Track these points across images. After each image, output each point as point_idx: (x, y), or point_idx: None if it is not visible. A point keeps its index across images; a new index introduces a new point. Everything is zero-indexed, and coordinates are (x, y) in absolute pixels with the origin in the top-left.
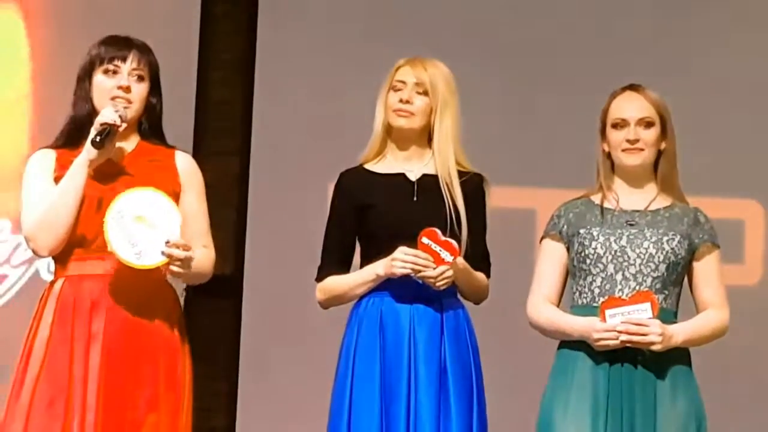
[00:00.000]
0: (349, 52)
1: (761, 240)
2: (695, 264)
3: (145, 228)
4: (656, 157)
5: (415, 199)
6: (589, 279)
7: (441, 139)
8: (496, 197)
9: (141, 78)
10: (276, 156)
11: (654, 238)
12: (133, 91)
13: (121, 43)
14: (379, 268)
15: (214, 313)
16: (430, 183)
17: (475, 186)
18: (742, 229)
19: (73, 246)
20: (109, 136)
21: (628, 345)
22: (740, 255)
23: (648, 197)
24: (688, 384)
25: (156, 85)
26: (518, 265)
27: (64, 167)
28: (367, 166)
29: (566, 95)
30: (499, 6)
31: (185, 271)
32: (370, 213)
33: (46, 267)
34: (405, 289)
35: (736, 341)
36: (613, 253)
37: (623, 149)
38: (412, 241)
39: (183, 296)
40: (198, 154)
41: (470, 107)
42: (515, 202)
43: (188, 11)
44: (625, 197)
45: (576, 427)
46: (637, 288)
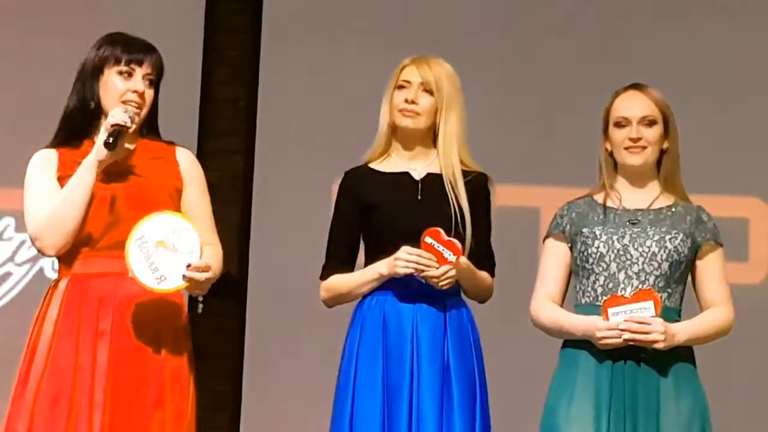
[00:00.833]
0: (353, 51)
1: (766, 238)
2: (698, 262)
3: (167, 252)
4: (659, 155)
5: (419, 198)
6: (592, 278)
7: (446, 138)
8: (499, 196)
9: (152, 83)
10: (280, 154)
11: (657, 237)
12: (145, 96)
13: (137, 46)
14: (383, 268)
15: (218, 312)
16: (435, 182)
17: (479, 185)
18: (746, 227)
19: (79, 245)
20: (120, 137)
21: (631, 343)
22: (744, 253)
23: (651, 196)
24: (692, 382)
25: (158, 87)
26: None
27: (67, 167)
28: (371, 165)
29: (570, 94)
30: (504, 4)
31: (204, 291)
32: (375, 212)
33: (50, 265)
34: (408, 288)
35: (739, 339)
36: (615, 252)
37: (626, 148)
38: (416, 241)
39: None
40: (202, 152)
41: (474, 105)
42: (519, 201)
43: (193, 9)
44: (628, 196)
45: (579, 425)
46: (640, 287)
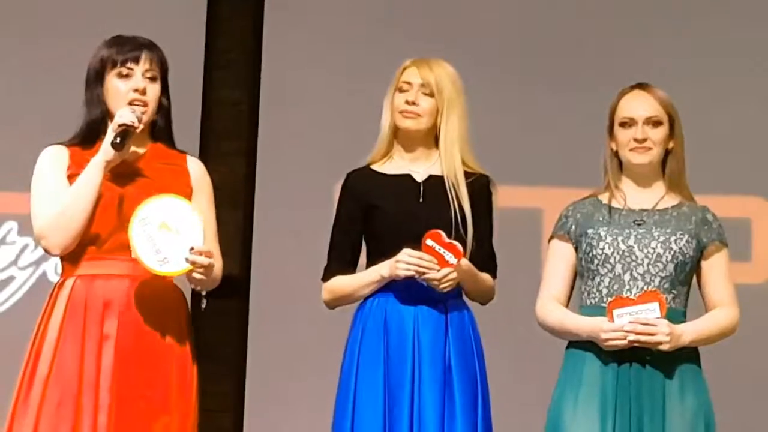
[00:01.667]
0: (355, 53)
1: None
2: (704, 263)
3: (170, 235)
4: (664, 156)
5: (420, 200)
6: (597, 279)
7: (447, 140)
8: (502, 197)
9: (153, 79)
10: (282, 157)
11: (662, 238)
12: (148, 92)
13: (131, 44)
14: (384, 270)
15: (220, 313)
16: (436, 184)
17: (481, 187)
18: (748, 227)
19: (85, 245)
20: (127, 137)
21: (636, 345)
22: (747, 253)
23: (656, 196)
24: (697, 383)
25: (166, 83)
26: (525, 265)
27: (79, 165)
28: (373, 167)
29: (573, 94)
30: (507, 5)
31: (207, 278)
32: (376, 214)
33: (53, 269)
34: (409, 290)
35: (742, 339)
36: (621, 253)
37: (631, 148)
38: (418, 242)
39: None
40: (204, 155)
41: (476, 106)
42: (522, 202)
43: (194, 11)
44: (633, 196)
45: (584, 427)
46: (645, 288)
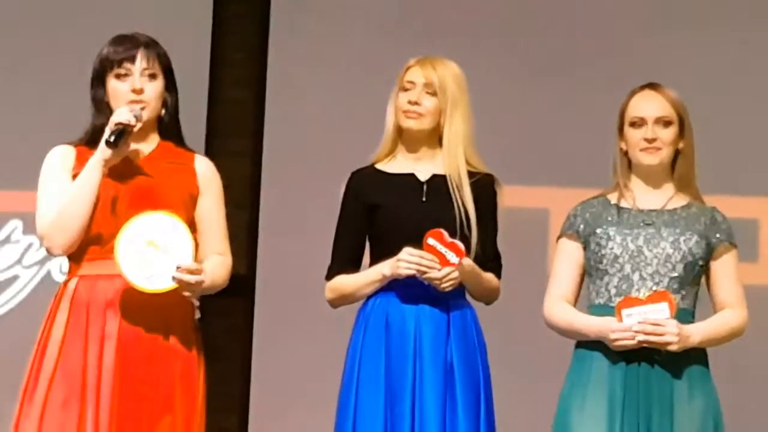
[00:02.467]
0: (360, 52)
1: None
2: (713, 264)
3: (157, 252)
4: (674, 156)
5: (424, 199)
6: (606, 279)
7: (451, 139)
8: (508, 197)
9: (153, 76)
10: (288, 156)
11: (671, 238)
12: (146, 91)
13: (127, 43)
14: (385, 269)
15: (226, 312)
16: (440, 183)
17: (485, 186)
18: (756, 227)
19: (88, 245)
20: (123, 135)
21: (645, 345)
22: (754, 254)
23: (665, 196)
24: (705, 384)
25: (170, 79)
26: (531, 265)
27: (84, 164)
28: (377, 166)
29: (579, 94)
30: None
31: (196, 294)
32: (380, 213)
33: (58, 268)
34: (411, 289)
35: (750, 340)
36: (630, 253)
37: (641, 148)
38: (421, 242)
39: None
40: (210, 154)
41: (481, 106)
42: (528, 202)
43: (200, 11)
44: (642, 196)
45: (592, 427)
46: (654, 288)
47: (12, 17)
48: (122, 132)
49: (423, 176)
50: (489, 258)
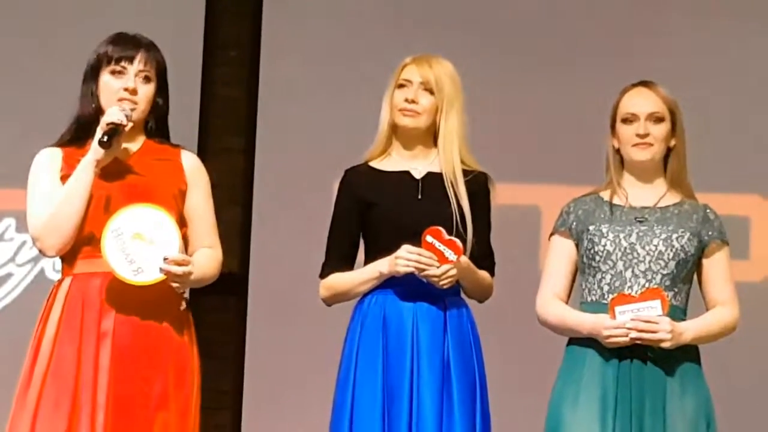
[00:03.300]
0: (354, 50)
1: (767, 236)
2: (705, 261)
3: (144, 245)
4: (666, 153)
5: (419, 197)
6: (599, 276)
7: (446, 137)
8: (499, 194)
9: (147, 79)
10: (281, 153)
11: (664, 236)
12: (139, 92)
13: (128, 43)
14: (383, 266)
15: (219, 310)
16: (435, 181)
17: (479, 185)
18: (747, 225)
19: (81, 244)
20: (115, 135)
21: (638, 342)
22: (746, 251)
23: (657, 194)
24: (698, 381)
25: (163, 84)
26: (522, 263)
27: (72, 166)
28: (372, 164)
29: (570, 91)
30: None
31: (185, 285)
32: (375, 210)
33: (51, 266)
34: (408, 287)
35: (741, 338)
36: (622, 250)
37: (633, 144)
38: (417, 239)
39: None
40: (203, 151)
41: (474, 104)
42: (519, 199)
43: (193, 8)
44: (635, 194)
45: (585, 424)
46: (646, 285)
47: (2, 18)
48: (114, 131)
49: (418, 174)
50: (483, 256)
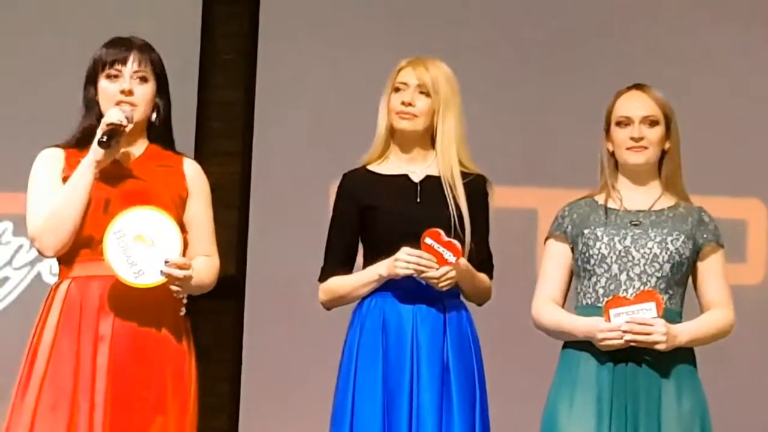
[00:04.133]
0: (351, 53)
1: (764, 239)
2: (699, 264)
3: (145, 247)
4: (660, 156)
5: (418, 200)
6: (594, 279)
7: (444, 140)
8: (496, 197)
9: (144, 79)
10: (277, 157)
11: (658, 238)
12: (136, 93)
13: (121, 45)
14: (382, 269)
15: (216, 313)
16: (433, 184)
17: (478, 187)
18: (744, 228)
19: (79, 247)
20: (115, 136)
21: (633, 345)
22: (743, 254)
23: (652, 197)
24: (693, 384)
25: (162, 84)
26: (519, 265)
27: (73, 167)
28: (370, 167)
29: (567, 94)
30: (502, 3)
31: (185, 289)
32: (373, 214)
33: (48, 269)
34: (408, 289)
35: (738, 341)
36: (617, 253)
37: (627, 147)
38: (415, 242)
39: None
40: (200, 155)
41: (471, 106)
42: (516, 202)
43: (190, 13)
44: (629, 197)
45: (580, 426)
46: (641, 288)
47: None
48: (114, 132)
49: (416, 177)
50: (481, 259)
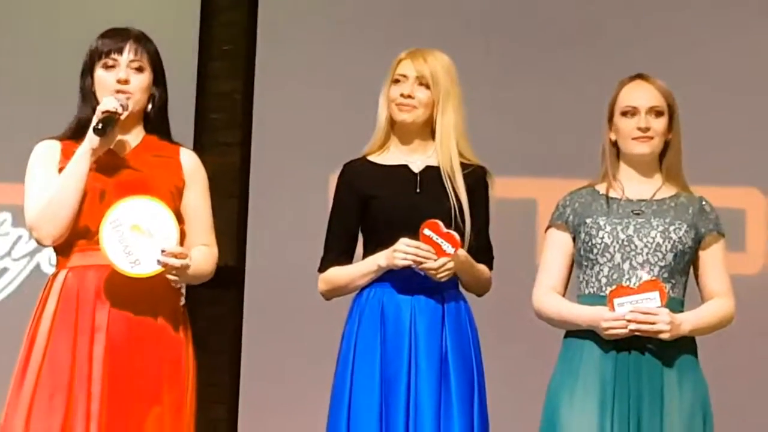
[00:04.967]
0: (350, 43)
1: (762, 229)
2: (701, 253)
3: (142, 237)
4: (662, 146)
5: (417, 191)
6: (597, 268)
7: (443, 131)
8: (496, 188)
9: (140, 69)
10: (277, 147)
11: (661, 228)
12: (132, 83)
13: (117, 35)
14: (381, 259)
15: (215, 304)
16: (433, 175)
17: (477, 178)
18: (743, 217)
19: (76, 237)
20: (110, 124)
21: (637, 334)
22: (741, 244)
23: (653, 187)
24: (694, 373)
25: (158, 74)
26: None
27: (69, 158)
28: (370, 158)
29: (565, 85)
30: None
31: (182, 279)
32: (373, 204)
33: (47, 260)
34: (406, 280)
35: (737, 330)
36: (620, 242)
37: (634, 137)
38: (415, 233)
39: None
40: (199, 145)
41: (471, 97)
42: (515, 193)
43: (188, 3)
44: (631, 186)
45: (582, 415)
46: (644, 277)
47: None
48: (109, 120)
49: (416, 168)
50: (481, 250)
